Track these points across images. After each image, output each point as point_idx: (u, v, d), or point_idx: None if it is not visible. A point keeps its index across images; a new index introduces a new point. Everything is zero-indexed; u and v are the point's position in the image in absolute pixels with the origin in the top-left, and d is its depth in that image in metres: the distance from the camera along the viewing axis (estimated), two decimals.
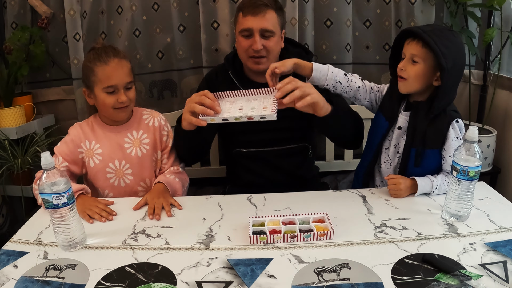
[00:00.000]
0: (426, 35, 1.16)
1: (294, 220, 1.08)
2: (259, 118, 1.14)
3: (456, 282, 0.84)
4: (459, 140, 1.22)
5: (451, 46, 1.16)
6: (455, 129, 1.21)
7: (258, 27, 1.37)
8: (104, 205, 1.22)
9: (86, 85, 1.33)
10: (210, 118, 1.18)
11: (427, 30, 1.18)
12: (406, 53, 1.22)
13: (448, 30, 1.22)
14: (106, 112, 1.35)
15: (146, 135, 1.41)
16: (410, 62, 1.21)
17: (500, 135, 1.92)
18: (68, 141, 1.37)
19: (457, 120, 1.22)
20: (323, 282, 0.86)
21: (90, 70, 1.29)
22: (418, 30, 1.18)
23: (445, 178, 1.22)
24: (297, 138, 1.52)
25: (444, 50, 1.15)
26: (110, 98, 1.29)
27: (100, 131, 1.38)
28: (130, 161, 1.39)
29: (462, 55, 1.21)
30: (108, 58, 1.28)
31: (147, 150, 1.40)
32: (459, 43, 1.21)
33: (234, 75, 1.48)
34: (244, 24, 1.38)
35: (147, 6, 1.90)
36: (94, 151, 1.37)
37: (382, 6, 1.93)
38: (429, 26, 1.24)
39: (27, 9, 1.92)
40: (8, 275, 0.92)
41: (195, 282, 0.87)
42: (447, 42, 1.16)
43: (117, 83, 1.29)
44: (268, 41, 1.39)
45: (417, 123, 1.23)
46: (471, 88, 1.95)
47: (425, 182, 1.21)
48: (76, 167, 1.38)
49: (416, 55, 1.19)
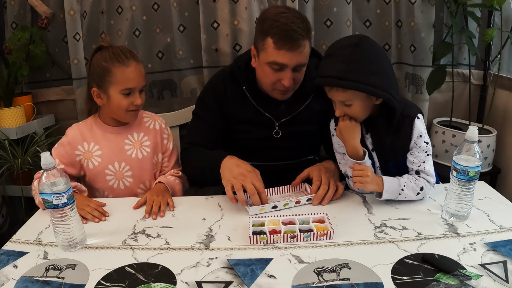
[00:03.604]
0: (343, 81, 1.07)
1: (294, 220, 1.08)
2: (305, 201, 1.20)
3: (456, 282, 0.84)
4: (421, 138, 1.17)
5: (366, 66, 1.08)
6: (417, 128, 1.16)
7: (293, 64, 1.23)
8: (96, 205, 1.21)
9: (97, 85, 1.30)
10: (260, 207, 1.15)
11: (339, 71, 1.08)
12: (334, 99, 1.15)
13: (353, 47, 1.09)
14: (117, 114, 1.34)
15: (147, 137, 1.41)
16: (343, 106, 1.14)
17: (500, 135, 1.92)
18: (65, 143, 1.35)
19: (418, 116, 1.17)
20: (323, 282, 0.86)
21: (106, 70, 1.27)
22: (331, 82, 1.10)
23: (410, 177, 1.18)
24: (308, 151, 1.49)
25: (365, 79, 1.07)
26: (125, 100, 1.28)
27: (99, 132, 1.37)
28: (130, 163, 1.38)
29: (379, 61, 1.11)
30: (127, 60, 1.27)
31: (147, 152, 1.40)
32: (370, 50, 1.10)
33: (248, 91, 1.37)
34: (277, 58, 1.22)
35: (147, 6, 1.90)
36: (93, 153, 1.36)
37: (382, 6, 1.93)
38: (334, 58, 1.12)
39: (27, 9, 1.91)
40: (8, 275, 0.92)
41: (195, 282, 0.87)
42: (362, 67, 1.07)
43: (135, 85, 1.29)
44: (298, 73, 1.27)
45: (382, 141, 1.20)
46: (471, 88, 1.96)
47: (391, 179, 1.16)
48: (73, 169, 1.36)
49: (344, 100, 1.12)
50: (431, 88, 1.86)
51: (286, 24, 1.19)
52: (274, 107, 1.38)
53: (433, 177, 1.19)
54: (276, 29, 1.20)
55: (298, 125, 1.40)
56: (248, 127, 1.41)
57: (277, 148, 1.42)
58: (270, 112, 1.38)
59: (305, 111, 1.38)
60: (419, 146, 1.18)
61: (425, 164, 1.18)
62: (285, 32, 1.19)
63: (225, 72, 1.43)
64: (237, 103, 1.39)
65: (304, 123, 1.40)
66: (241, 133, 1.43)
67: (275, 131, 1.40)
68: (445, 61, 1.94)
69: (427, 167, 1.18)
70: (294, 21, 1.20)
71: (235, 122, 1.42)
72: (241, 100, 1.38)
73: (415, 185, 1.16)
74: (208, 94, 1.43)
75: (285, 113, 1.39)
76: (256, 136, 1.41)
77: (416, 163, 1.19)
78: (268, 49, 1.23)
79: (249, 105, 1.38)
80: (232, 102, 1.40)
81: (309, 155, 1.49)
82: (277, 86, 1.29)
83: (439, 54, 1.86)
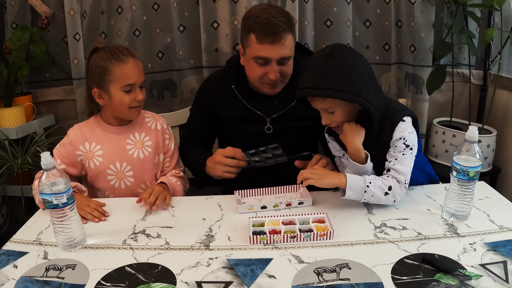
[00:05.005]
0: (317, 91, 1.10)
1: (294, 220, 1.08)
2: (297, 204, 1.19)
3: (456, 282, 0.84)
4: (401, 140, 1.15)
5: (339, 73, 1.10)
6: (397, 131, 1.15)
7: (277, 57, 1.26)
8: (96, 205, 1.21)
9: (97, 85, 1.30)
10: (249, 206, 1.18)
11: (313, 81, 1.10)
12: (316, 107, 1.17)
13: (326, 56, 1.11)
14: (120, 112, 1.34)
15: (148, 137, 1.41)
16: (327, 113, 1.16)
17: (500, 135, 1.92)
18: (66, 144, 1.35)
19: (403, 119, 1.16)
20: (323, 282, 0.86)
21: (104, 69, 1.27)
22: (308, 92, 1.13)
23: (378, 177, 1.16)
24: (301, 147, 1.48)
25: (337, 86, 1.09)
26: (127, 97, 1.29)
27: (100, 132, 1.37)
28: (132, 163, 1.38)
29: (353, 67, 1.12)
30: (124, 57, 1.28)
31: (149, 152, 1.40)
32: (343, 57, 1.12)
33: (237, 89, 1.40)
34: (261, 52, 1.26)
35: (147, 6, 1.90)
36: (94, 153, 1.36)
37: (382, 6, 1.93)
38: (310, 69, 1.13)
39: (27, 9, 1.91)
40: (8, 275, 0.92)
41: (195, 282, 0.87)
42: (334, 74, 1.09)
43: (136, 81, 1.29)
44: (284, 66, 1.30)
45: (368, 146, 1.19)
46: (471, 88, 1.95)
47: (356, 176, 1.14)
48: (74, 169, 1.36)
49: (326, 108, 1.15)
50: (431, 88, 1.86)
51: (267, 18, 1.23)
52: (266, 104, 1.41)
53: (405, 176, 1.14)
54: (257, 24, 1.24)
55: (290, 121, 1.41)
56: (240, 125, 1.44)
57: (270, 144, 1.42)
58: (261, 109, 1.41)
59: (296, 107, 1.39)
60: (396, 146, 1.16)
61: (397, 161, 1.15)
62: (266, 26, 1.23)
63: (217, 74, 1.50)
64: (228, 102, 1.42)
65: (296, 119, 1.41)
66: (234, 131, 1.46)
67: (267, 126, 1.42)
68: (445, 61, 1.93)
69: (399, 165, 1.14)
70: (275, 15, 1.24)
71: (226, 120, 1.46)
72: (232, 99, 1.41)
73: (383, 184, 1.13)
74: (200, 96, 1.51)
75: (276, 109, 1.41)
76: (248, 132, 1.44)
77: (389, 160, 1.17)
78: (252, 44, 1.27)
79: (239, 103, 1.40)
80: (223, 102, 1.43)
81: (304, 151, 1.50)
82: (264, 80, 1.32)
83: (439, 54, 1.86)
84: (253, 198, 1.27)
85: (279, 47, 1.25)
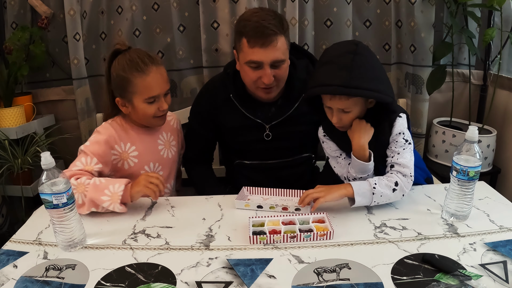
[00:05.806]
0: (349, 89, 1.06)
1: (294, 220, 1.08)
2: (294, 209, 1.17)
3: (456, 282, 0.84)
4: (401, 135, 1.16)
5: (367, 72, 1.08)
6: (396, 126, 1.16)
7: (268, 60, 1.24)
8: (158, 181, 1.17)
9: (120, 95, 1.26)
10: (245, 203, 1.19)
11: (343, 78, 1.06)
12: (332, 107, 1.14)
13: (353, 53, 1.08)
14: (145, 121, 1.31)
15: (173, 137, 1.39)
16: (341, 112, 1.14)
17: (500, 135, 1.92)
18: (102, 142, 1.26)
19: (400, 115, 1.16)
20: (323, 282, 0.86)
21: (126, 81, 1.22)
22: (337, 90, 1.08)
23: (381, 176, 1.15)
24: (302, 150, 1.49)
25: (368, 85, 1.07)
26: (151, 108, 1.25)
27: (133, 132, 1.33)
28: (163, 163, 1.36)
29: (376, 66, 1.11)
30: (146, 67, 1.22)
31: (175, 152, 1.39)
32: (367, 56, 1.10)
33: (235, 98, 1.38)
34: (252, 56, 1.24)
35: (147, 6, 1.90)
36: (130, 153, 1.32)
37: (382, 6, 1.93)
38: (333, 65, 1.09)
39: (27, 9, 1.91)
40: (8, 275, 0.92)
41: (195, 282, 0.87)
42: (364, 73, 1.07)
43: (159, 92, 1.25)
44: (278, 70, 1.27)
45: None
46: (471, 88, 1.96)
47: (359, 182, 1.14)
48: (106, 169, 1.28)
49: (344, 108, 1.12)
50: (431, 88, 1.86)
51: (257, 22, 1.22)
52: (265, 111, 1.40)
53: (409, 169, 1.14)
54: (248, 28, 1.23)
55: (289, 126, 1.40)
56: (239, 132, 1.43)
57: (270, 149, 1.44)
58: (260, 116, 1.39)
59: (295, 113, 1.39)
60: (396, 141, 1.17)
61: (400, 156, 1.15)
62: (256, 29, 1.21)
63: (215, 82, 1.47)
64: (227, 111, 1.41)
65: (295, 124, 1.40)
66: (233, 137, 1.45)
67: (266, 133, 1.41)
68: (445, 61, 1.94)
69: (402, 159, 1.15)
70: (265, 18, 1.22)
71: (226, 128, 1.45)
72: (230, 108, 1.40)
73: (388, 181, 1.12)
74: (200, 106, 1.47)
75: (275, 116, 1.39)
76: (247, 139, 1.43)
77: (391, 156, 1.17)
78: (244, 49, 1.25)
79: (238, 112, 1.39)
80: (223, 111, 1.42)
81: (304, 153, 1.50)
82: (259, 85, 1.30)
83: (439, 54, 1.86)
84: (259, 196, 1.27)
85: (270, 50, 1.23)
